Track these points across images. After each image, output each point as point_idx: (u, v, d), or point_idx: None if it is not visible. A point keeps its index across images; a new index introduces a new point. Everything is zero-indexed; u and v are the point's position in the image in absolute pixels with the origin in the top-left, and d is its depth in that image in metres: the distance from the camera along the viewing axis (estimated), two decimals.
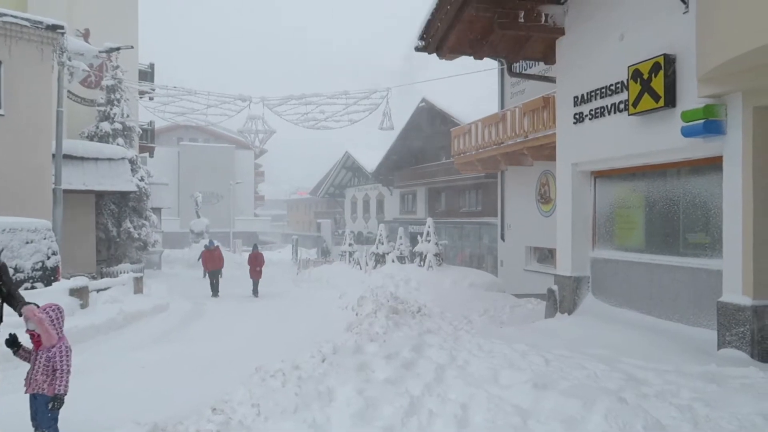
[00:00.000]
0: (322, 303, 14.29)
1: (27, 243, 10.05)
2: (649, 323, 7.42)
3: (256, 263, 17.12)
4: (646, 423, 4.12)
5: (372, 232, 36.15)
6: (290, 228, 73.48)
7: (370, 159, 37.95)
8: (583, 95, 8.49)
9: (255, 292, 17.03)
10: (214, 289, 16.78)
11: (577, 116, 8.62)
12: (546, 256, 17.77)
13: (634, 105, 7.29)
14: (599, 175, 8.72)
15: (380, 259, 18.05)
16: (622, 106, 7.70)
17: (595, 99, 8.24)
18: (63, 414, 5.39)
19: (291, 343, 8.81)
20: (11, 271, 9.67)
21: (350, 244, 21.49)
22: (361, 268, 18.48)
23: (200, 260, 27.72)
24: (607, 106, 8.00)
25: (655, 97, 6.96)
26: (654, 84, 6.96)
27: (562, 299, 8.92)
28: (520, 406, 4.58)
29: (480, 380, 5.27)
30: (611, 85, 7.91)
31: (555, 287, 9.15)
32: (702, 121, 6.22)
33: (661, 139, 7.08)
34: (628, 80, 7.41)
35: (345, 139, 40.43)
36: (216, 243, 18.37)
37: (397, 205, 36.24)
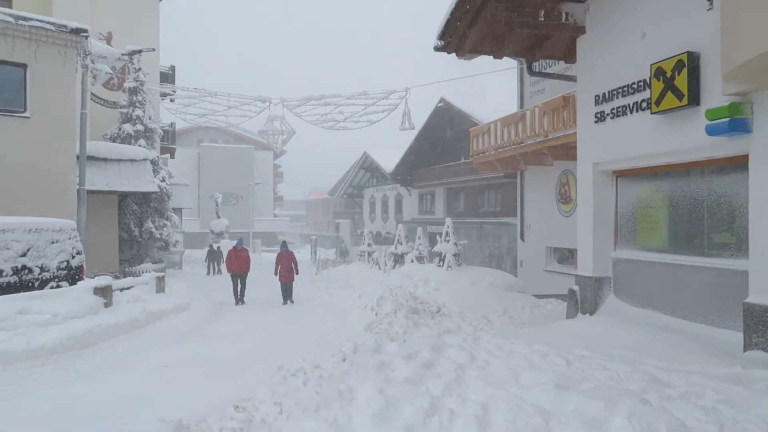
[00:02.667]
0: (341, 303, 14.33)
1: (52, 243, 10.22)
2: (673, 324, 7.32)
3: (286, 263, 15.15)
4: (670, 425, 4.07)
5: (390, 232, 36.16)
6: (308, 228, 73.87)
7: (389, 159, 37.99)
8: (604, 94, 8.41)
9: (288, 296, 15.05)
10: (238, 296, 15.09)
11: (599, 115, 8.54)
12: (566, 256, 17.63)
13: (657, 103, 7.20)
14: (621, 175, 8.63)
15: (399, 259, 18.04)
16: (644, 104, 7.61)
17: (617, 98, 8.15)
18: (89, 412, 5.50)
19: (311, 343, 8.87)
20: (37, 270, 9.88)
21: (369, 244, 21.52)
22: (379, 268, 18.49)
23: (207, 260, 28.14)
24: (629, 104, 7.92)
25: (679, 95, 6.87)
26: (677, 82, 6.87)
27: (584, 300, 8.84)
28: (541, 407, 4.55)
29: (500, 381, 5.25)
30: (633, 83, 7.82)
31: (576, 287, 9.07)
32: (727, 119, 6.12)
33: (684, 137, 6.99)
34: (650, 78, 7.33)
35: (364, 139, 40.51)
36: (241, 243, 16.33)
37: (415, 205, 36.21)
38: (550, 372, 5.42)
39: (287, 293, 15.05)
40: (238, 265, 15.23)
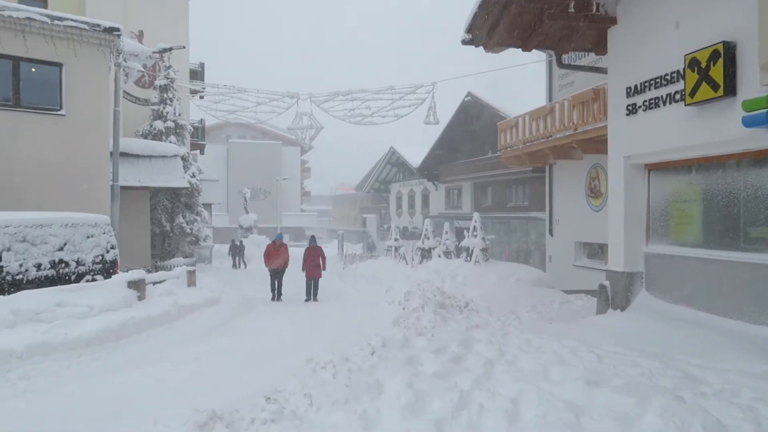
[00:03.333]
0: (369, 297, 14.40)
1: (88, 237, 10.48)
2: (707, 320, 7.17)
3: (313, 259, 14.55)
4: (705, 422, 4.00)
5: (417, 227, 36.12)
6: (335, 223, 74.24)
7: (415, 154, 37.94)
8: (636, 86, 8.26)
9: (312, 293, 14.54)
10: (276, 292, 14.57)
11: (630, 107, 8.39)
12: (596, 251, 17.39)
13: (691, 95, 7.04)
14: (653, 168, 8.47)
15: (426, 254, 18.03)
16: (678, 96, 7.45)
17: (650, 89, 7.99)
18: (125, 401, 5.65)
19: (339, 336, 8.95)
20: (74, 264, 10.15)
21: (396, 239, 21.55)
22: (407, 263, 18.51)
23: (230, 254, 28.38)
24: (662, 96, 7.76)
25: (714, 86, 6.70)
26: (713, 72, 6.70)
27: (614, 295, 8.72)
28: (572, 402, 4.52)
29: (530, 376, 5.22)
30: (666, 74, 7.66)
31: (606, 283, 8.94)
32: (765, 110, 5.94)
33: (720, 129, 6.82)
34: (684, 69, 7.16)
35: (391, 134, 40.54)
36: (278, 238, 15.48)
37: (442, 200, 36.10)
38: (580, 367, 5.37)
39: (312, 290, 14.52)
40: (277, 260, 14.62)
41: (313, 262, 14.46)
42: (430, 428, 4.18)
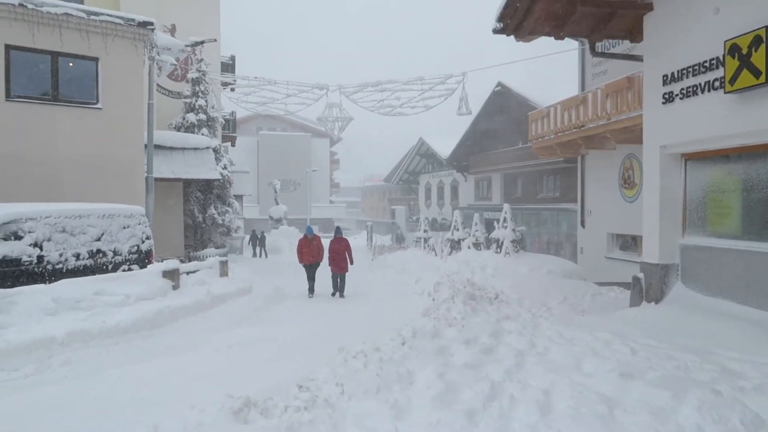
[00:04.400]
0: (398, 288, 14.42)
1: (124, 228, 10.73)
2: (745, 314, 6.99)
3: (339, 252, 13.50)
4: (743, 417, 3.92)
5: (446, 218, 35.99)
6: (364, 215, 74.46)
7: (444, 145, 37.77)
8: (673, 73, 8.05)
9: (339, 289, 13.59)
10: (311, 287, 13.65)
11: (667, 96, 8.19)
12: (629, 243, 17.10)
13: (731, 82, 6.84)
14: (690, 158, 8.26)
15: (455, 245, 17.97)
16: (717, 83, 7.24)
17: (687, 77, 7.79)
18: (161, 387, 5.79)
19: (369, 327, 9.00)
20: (110, 254, 10.41)
21: (425, 231, 21.51)
22: (436, 255, 18.48)
23: (251, 243, 28.62)
24: (700, 84, 7.55)
25: (756, 72, 6.50)
26: (754, 59, 6.50)
27: (649, 287, 8.57)
28: (605, 394, 4.47)
29: (562, 367, 5.18)
30: (705, 61, 7.45)
31: (641, 275, 8.79)
32: None
33: (761, 117, 6.61)
34: (724, 56, 6.96)
35: (419, 125, 40.39)
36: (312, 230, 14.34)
37: (471, 191, 35.88)
38: (613, 360, 5.31)
39: (338, 285, 13.61)
40: (311, 255, 13.65)
41: (340, 256, 13.50)
42: (461, 418, 4.19)
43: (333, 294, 13.62)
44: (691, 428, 3.89)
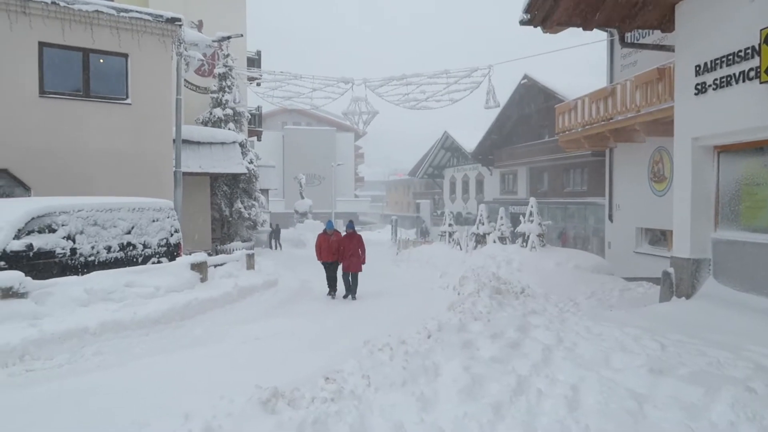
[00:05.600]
0: (423, 282, 14.41)
1: (153, 221, 10.91)
2: None
3: (351, 249, 12.18)
4: None
5: (471, 212, 35.80)
6: (388, 209, 74.50)
7: (469, 138, 37.53)
8: (706, 64, 7.86)
9: (352, 290, 12.29)
10: (331, 285, 12.52)
11: (699, 87, 8.00)
12: (658, 237, 16.80)
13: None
14: (723, 150, 8.07)
15: (481, 239, 17.86)
16: (752, 73, 7.05)
17: (721, 67, 7.60)
18: (191, 377, 5.89)
19: (394, 320, 9.02)
20: (140, 247, 10.60)
21: (450, 225, 21.43)
22: (461, 249, 18.40)
23: (270, 240, 28.77)
24: (734, 74, 7.36)
25: None
26: None
27: (679, 282, 8.40)
28: (634, 390, 4.41)
29: (590, 362, 5.12)
30: (739, 51, 7.25)
31: (671, 270, 8.62)
32: None
33: None
34: (760, 45, 6.77)
35: (444, 118, 40.15)
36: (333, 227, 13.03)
37: (497, 185, 35.61)
38: (643, 355, 5.23)
39: (349, 285, 12.29)
40: (329, 252, 12.40)
41: (351, 254, 12.17)
42: (487, 411, 4.18)
43: (345, 296, 12.28)
44: (725, 425, 3.82)
